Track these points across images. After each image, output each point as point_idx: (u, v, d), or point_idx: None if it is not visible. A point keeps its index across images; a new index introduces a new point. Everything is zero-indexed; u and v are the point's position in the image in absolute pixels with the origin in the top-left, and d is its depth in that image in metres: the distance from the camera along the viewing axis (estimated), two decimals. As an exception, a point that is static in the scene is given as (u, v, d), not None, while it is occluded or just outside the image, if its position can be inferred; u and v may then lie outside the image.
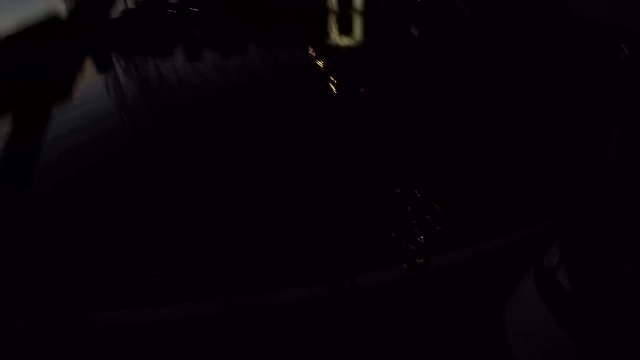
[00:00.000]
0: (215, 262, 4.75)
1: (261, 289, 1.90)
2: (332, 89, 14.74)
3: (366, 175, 6.84)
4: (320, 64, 21.81)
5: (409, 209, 5.69)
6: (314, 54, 26.09)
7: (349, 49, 28.60)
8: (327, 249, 4.90)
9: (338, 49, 28.23)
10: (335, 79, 16.10)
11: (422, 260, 1.92)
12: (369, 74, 17.53)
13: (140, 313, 1.79)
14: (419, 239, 5.06)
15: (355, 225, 5.41)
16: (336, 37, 36.72)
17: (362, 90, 14.64)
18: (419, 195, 5.95)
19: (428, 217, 5.42)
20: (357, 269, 1.98)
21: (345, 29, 47.64)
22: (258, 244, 5.04)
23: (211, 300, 1.86)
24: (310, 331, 1.80)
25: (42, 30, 1.16)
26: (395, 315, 1.86)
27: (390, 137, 8.77)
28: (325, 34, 40.34)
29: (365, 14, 75.08)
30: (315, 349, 1.84)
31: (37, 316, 1.72)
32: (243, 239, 5.19)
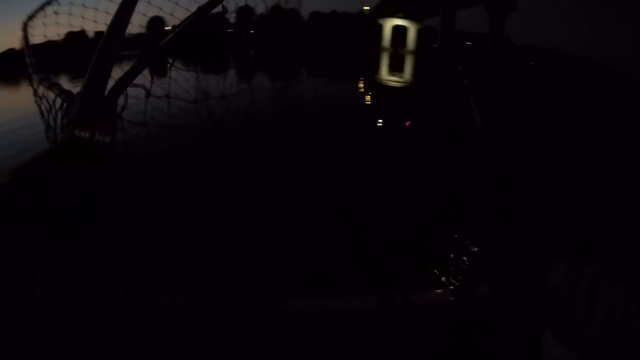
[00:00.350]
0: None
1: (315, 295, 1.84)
2: (376, 123, 14.72)
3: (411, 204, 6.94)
4: (367, 98, 21.88)
5: (455, 238, 5.76)
6: (363, 88, 26.26)
7: (398, 87, 28.71)
8: (379, 271, 5.01)
9: (387, 86, 28.33)
10: (381, 114, 16.09)
11: (468, 286, 1.82)
12: (415, 113, 17.49)
13: (200, 300, 1.74)
14: (467, 265, 5.14)
15: (404, 250, 5.47)
16: (386, 75, 37.07)
17: (407, 126, 14.57)
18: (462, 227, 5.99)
19: (474, 247, 5.44)
20: (408, 289, 1.88)
21: (396, 67, 48.29)
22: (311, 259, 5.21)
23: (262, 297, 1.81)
24: (357, 341, 1.72)
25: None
26: (436, 339, 1.76)
27: (431, 172, 8.79)
28: (376, 70, 40.87)
29: (417, 55, 76.03)
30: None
31: (100, 286, 1.68)
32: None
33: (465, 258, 5.35)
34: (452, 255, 5.40)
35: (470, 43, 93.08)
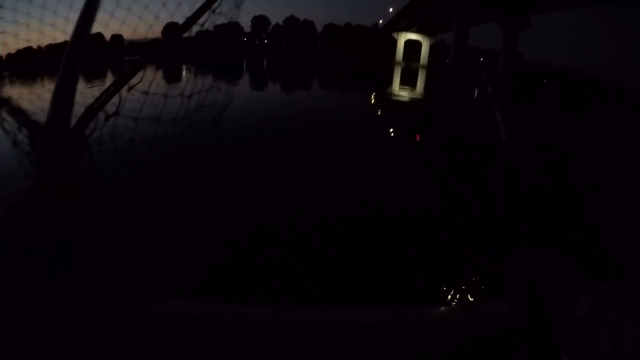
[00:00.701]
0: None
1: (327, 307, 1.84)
2: (385, 135, 14.73)
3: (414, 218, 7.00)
4: (378, 111, 21.89)
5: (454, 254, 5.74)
6: (374, 101, 26.30)
7: (408, 101, 28.73)
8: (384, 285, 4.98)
9: (398, 99, 28.35)
10: (391, 127, 16.11)
11: (476, 303, 1.80)
12: (424, 127, 17.49)
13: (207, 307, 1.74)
14: (475, 282, 5.12)
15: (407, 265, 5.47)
16: (398, 88, 37.14)
17: (417, 140, 14.58)
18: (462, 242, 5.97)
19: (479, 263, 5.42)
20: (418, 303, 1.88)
21: (408, 81, 48.38)
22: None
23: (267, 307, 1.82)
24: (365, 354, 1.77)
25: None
26: (445, 355, 1.78)
27: (436, 189, 8.83)
28: (389, 83, 40.98)
29: (429, 69, 76.09)
30: None
31: (90, 286, 1.67)
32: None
33: (475, 274, 5.32)
34: (462, 271, 5.38)
35: (482, 59, 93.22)
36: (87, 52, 1.41)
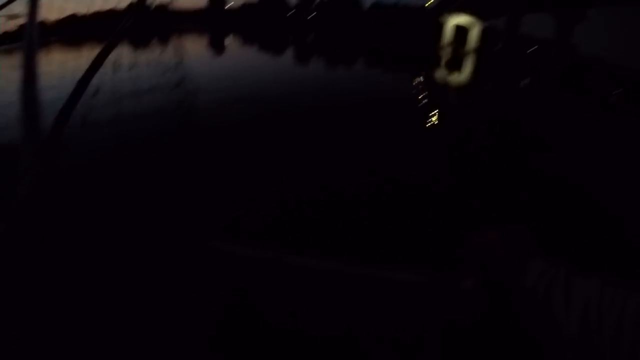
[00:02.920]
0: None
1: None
2: (429, 119, 14.40)
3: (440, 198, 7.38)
4: (424, 94, 21.37)
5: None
6: (420, 84, 25.69)
7: (455, 86, 28.06)
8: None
9: (445, 84, 27.70)
10: (436, 111, 15.75)
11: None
12: (470, 113, 17.06)
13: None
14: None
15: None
16: (445, 73, 36.34)
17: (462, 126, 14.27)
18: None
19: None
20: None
21: (456, 66, 47.25)
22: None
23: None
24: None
25: None
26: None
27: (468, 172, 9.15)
28: (435, 68, 40.13)
29: (478, 55, 74.13)
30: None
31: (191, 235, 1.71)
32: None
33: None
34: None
35: (536, 47, 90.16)
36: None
